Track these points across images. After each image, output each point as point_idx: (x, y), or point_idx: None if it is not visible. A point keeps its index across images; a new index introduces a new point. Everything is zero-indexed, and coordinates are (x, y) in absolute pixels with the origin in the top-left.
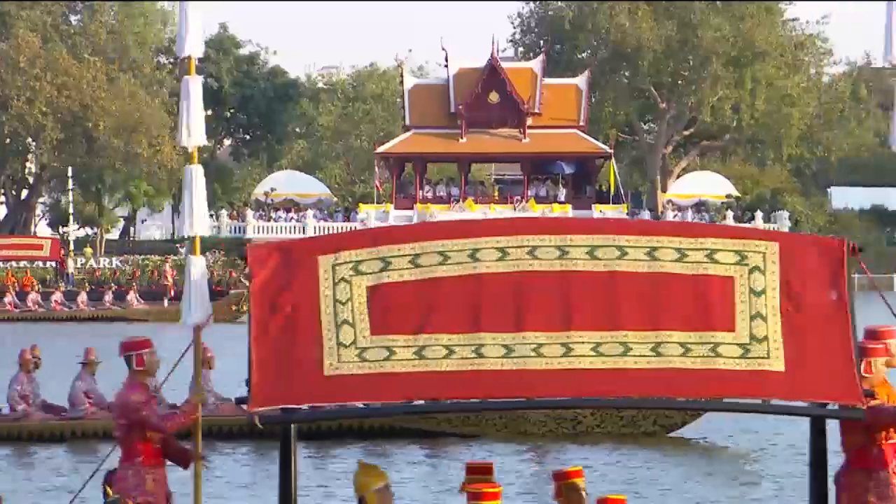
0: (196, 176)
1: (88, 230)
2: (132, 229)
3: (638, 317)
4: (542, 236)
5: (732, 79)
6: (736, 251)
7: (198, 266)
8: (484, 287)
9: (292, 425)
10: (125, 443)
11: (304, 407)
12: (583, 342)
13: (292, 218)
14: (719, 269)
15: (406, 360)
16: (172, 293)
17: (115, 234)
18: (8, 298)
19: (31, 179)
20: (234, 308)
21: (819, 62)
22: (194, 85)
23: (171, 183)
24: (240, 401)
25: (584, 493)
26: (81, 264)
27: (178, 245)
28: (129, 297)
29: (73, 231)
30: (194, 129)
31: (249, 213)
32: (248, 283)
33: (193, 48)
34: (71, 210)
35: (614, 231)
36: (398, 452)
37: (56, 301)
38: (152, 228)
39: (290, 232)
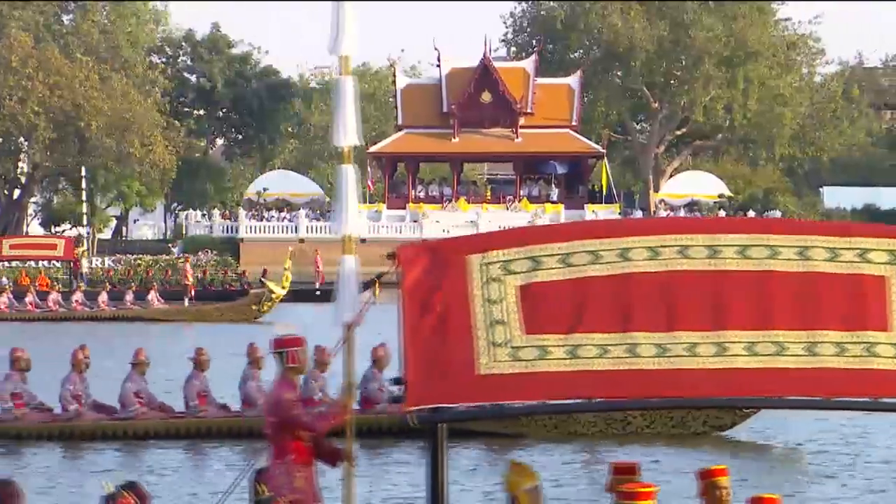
0: (349, 175)
1: (81, 230)
2: (124, 229)
3: (791, 316)
4: (693, 235)
5: (725, 79)
6: (889, 250)
7: (349, 265)
8: (635, 286)
9: (443, 425)
10: (276, 441)
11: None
12: (736, 342)
13: (284, 218)
14: (872, 268)
15: (559, 359)
16: (193, 293)
17: (107, 234)
18: (29, 298)
19: (23, 179)
20: (254, 307)
21: (811, 62)
22: (348, 85)
23: (163, 183)
24: (395, 400)
25: (727, 492)
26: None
27: (170, 245)
28: (150, 297)
29: (68, 231)
30: (349, 129)
31: (242, 212)
32: (398, 284)
33: (349, 47)
34: (85, 209)
35: (764, 231)
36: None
37: (77, 301)
38: (144, 228)
39: (283, 232)
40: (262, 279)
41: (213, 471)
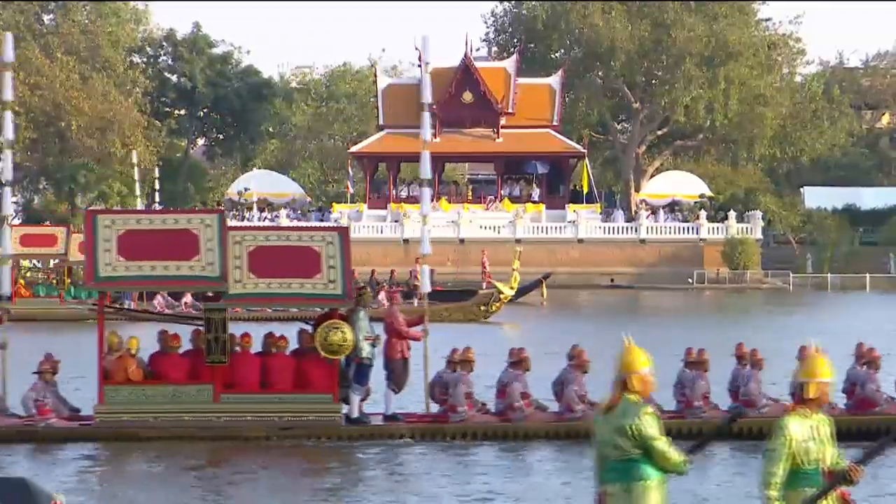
0: None
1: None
2: None
3: None
4: None
5: (706, 79)
6: None
7: None
8: None
9: None
10: None
11: None
12: None
13: (266, 218)
14: None
15: None
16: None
17: None
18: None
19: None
20: (482, 308)
21: (792, 62)
22: None
23: (144, 182)
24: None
25: None
26: None
27: None
28: (380, 297)
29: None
30: None
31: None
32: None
33: None
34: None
35: None
36: None
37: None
38: None
39: None
40: (492, 280)
41: None
